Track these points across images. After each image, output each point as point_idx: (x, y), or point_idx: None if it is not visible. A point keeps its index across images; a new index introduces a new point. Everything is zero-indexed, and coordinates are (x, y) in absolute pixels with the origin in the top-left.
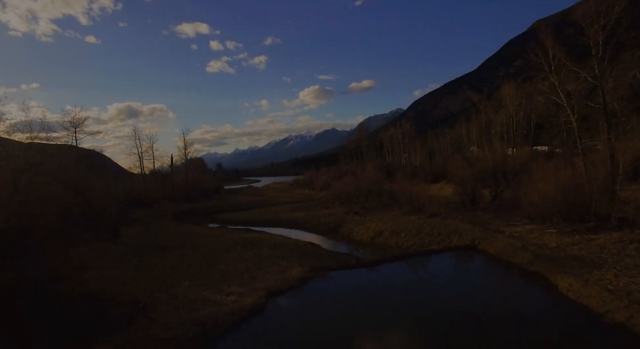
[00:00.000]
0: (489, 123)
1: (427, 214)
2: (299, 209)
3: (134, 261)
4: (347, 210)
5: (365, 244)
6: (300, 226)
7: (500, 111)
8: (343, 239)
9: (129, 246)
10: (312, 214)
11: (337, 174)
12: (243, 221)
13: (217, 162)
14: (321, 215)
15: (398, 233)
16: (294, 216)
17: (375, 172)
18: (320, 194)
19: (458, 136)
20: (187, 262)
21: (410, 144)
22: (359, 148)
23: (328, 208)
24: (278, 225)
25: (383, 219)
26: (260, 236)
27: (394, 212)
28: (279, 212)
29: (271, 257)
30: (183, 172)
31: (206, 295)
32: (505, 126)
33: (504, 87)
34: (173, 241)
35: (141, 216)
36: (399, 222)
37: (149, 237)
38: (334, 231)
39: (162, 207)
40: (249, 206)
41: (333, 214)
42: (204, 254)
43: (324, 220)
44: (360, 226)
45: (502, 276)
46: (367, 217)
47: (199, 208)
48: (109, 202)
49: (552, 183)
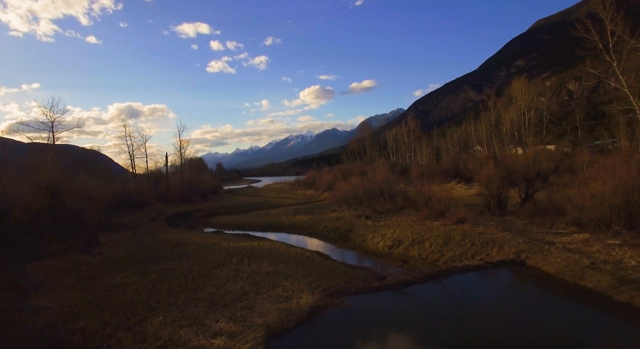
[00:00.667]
0: (498, 121)
1: (452, 219)
2: (302, 212)
3: (105, 278)
4: (356, 213)
5: (382, 255)
6: (305, 231)
7: (510, 107)
8: (355, 248)
9: (106, 258)
10: (318, 218)
11: (341, 173)
12: (241, 225)
13: (218, 163)
14: (328, 219)
15: (421, 242)
16: (297, 219)
17: (387, 171)
18: (324, 195)
19: (466, 133)
20: (170, 281)
21: (416, 142)
22: (363, 147)
23: (335, 211)
24: (280, 230)
25: (400, 224)
26: (260, 244)
27: (411, 217)
28: (280, 216)
29: (272, 275)
30: (178, 172)
31: (185, 336)
32: (516, 123)
33: (514, 83)
34: (158, 250)
35: (130, 219)
36: (419, 229)
37: (132, 245)
38: (344, 238)
39: (155, 209)
40: (249, 207)
41: (341, 218)
42: (192, 269)
43: (331, 225)
44: (375, 232)
45: (580, 309)
46: (382, 222)
47: (194, 210)
48: (89, 205)
49: (609, 183)
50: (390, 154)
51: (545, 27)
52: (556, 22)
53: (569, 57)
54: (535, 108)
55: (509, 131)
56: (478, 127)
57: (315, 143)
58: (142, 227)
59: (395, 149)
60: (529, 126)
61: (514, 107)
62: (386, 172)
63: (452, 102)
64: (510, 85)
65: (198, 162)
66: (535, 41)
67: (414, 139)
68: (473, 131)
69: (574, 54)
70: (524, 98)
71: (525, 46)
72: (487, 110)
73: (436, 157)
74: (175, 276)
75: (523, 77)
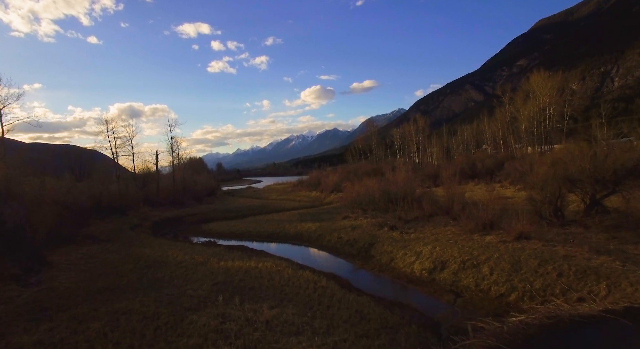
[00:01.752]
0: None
1: (510, 233)
2: (309, 218)
3: (14, 336)
4: (376, 222)
5: (421, 282)
6: (314, 243)
7: (527, 103)
8: (382, 269)
9: (43, 291)
10: (328, 226)
11: (346, 174)
12: (238, 233)
13: (218, 163)
14: (341, 228)
15: (476, 267)
16: (303, 227)
17: (409, 171)
18: (330, 197)
19: (478, 131)
20: (117, 338)
21: (425, 140)
22: (368, 146)
23: (348, 218)
24: (283, 240)
25: (438, 238)
26: (259, 265)
27: (449, 228)
28: (283, 222)
29: (275, 328)
30: (170, 172)
31: None
32: (535, 120)
33: (533, 77)
34: (123, 275)
35: (106, 227)
36: (468, 247)
37: (92, 267)
38: (365, 255)
39: (141, 214)
40: (247, 211)
41: (358, 228)
42: (158, 313)
43: (346, 236)
44: (406, 249)
45: None
46: (411, 235)
47: (186, 215)
48: (39, 214)
49: None
50: (398, 153)
51: (547, 27)
52: (558, 21)
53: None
54: (554, 103)
55: (527, 128)
56: (492, 124)
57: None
58: (118, 237)
59: (402, 148)
60: (549, 122)
61: (532, 103)
62: (408, 172)
63: (454, 102)
64: (528, 79)
65: (198, 162)
66: (537, 41)
67: (423, 137)
68: (487, 128)
69: (576, 53)
70: (545, 93)
71: (527, 46)
72: (502, 106)
73: (446, 156)
74: (129, 329)
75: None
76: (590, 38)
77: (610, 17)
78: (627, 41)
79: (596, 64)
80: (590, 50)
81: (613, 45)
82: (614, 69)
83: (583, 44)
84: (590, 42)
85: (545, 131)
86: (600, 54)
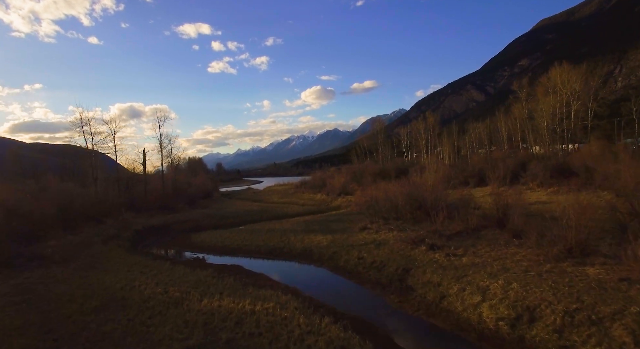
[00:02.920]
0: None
1: (635, 268)
2: (317, 227)
3: None
4: (406, 236)
5: (501, 341)
6: (327, 263)
7: (546, 99)
8: (430, 311)
9: None
10: (343, 241)
11: (352, 174)
12: (233, 248)
13: (218, 163)
14: (361, 244)
15: (599, 324)
16: (312, 241)
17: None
18: (337, 201)
19: (491, 129)
20: None
21: (436, 139)
22: (374, 144)
23: (367, 230)
24: (287, 257)
25: (505, 266)
26: (257, 308)
27: (514, 250)
28: (287, 233)
29: None
30: (159, 174)
31: None
32: (558, 116)
33: (554, 70)
34: (52, 330)
35: (70, 241)
36: (562, 283)
37: (11, 313)
38: (400, 285)
39: (121, 221)
40: (246, 217)
41: (383, 244)
42: None
43: (369, 256)
44: (461, 281)
45: None
46: (462, 258)
47: (175, 222)
48: None
49: None
50: (405, 152)
51: (549, 27)
52: (560, 21)
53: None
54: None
55: (549, 126)
56: (506, 121)
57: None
58: (81, 255)
59: (410, 147)
60: (574, 118)
61: (553, 98)
62: (442, 173)
63: (455, 103)
64: (548, 72)
65: (197, 162)
66: (539, 41)
67: (433, 136)
68: (503, 126)
69: (578, 53)
70: (569, 87)
71: (529, 46)
72: (518, 102)
73: (457, 156)
74: None
75: (564, 62)
76: (592, 38)
77: (612, 17)
78: (630, 41)
79: (599, 64)
80: (592, 51)
81: (615, 45)
82: (616, 69)
83: (585, 44)
84: (592, 42)
85: (569, 128)
86: (603, 54)
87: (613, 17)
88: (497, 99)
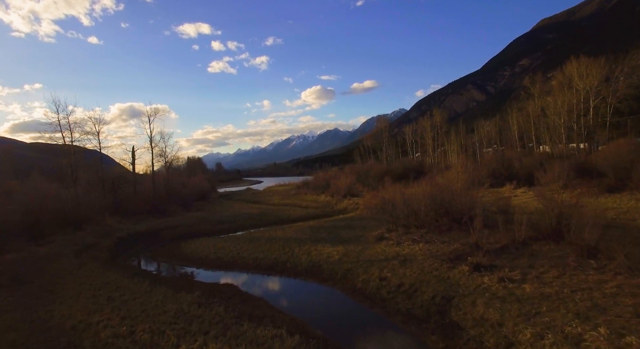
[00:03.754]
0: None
1: None
2: (325, 235)
3: None
4: (437, 250)
5: None
6: (340, 283)
7: (561, 94)
8: None
9: None
10: (358, 253)
11: (356, 175)
12: (227, 261)
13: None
14: (381, 259)
15: None
16: (321, 253)
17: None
18: (343, 203)
19: (501, 127)
20: None
21: (444, 137)
22: (378, 143)
23: (386, 240)
24: (292, 274)
25: (593, 299)
26: None
27: (594, 276)
28: (291, 243)
29: None
30: (150, 175)
31: None
32: (575, 113)
33: (570, 64)
34: None
35: (36, 253)
36: None
37: None
38: (441, 322)
39: (104, 228)
40: (244, 222)
41: (410, 260)
42: None
43: (394, 277)
44: (533, 321)
45: None
46: (525, 287)
47: (166, 227)
48: None
49: None
50: (410, 151)
51: (549, 27)
52: (560, 21)
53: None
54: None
55: (566, 123)
56: (518, 119)
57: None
58: (42, 273)
59: (415, 146)
60: (593, 115)
61: (569, 93)
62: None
63: (456, 102)
64: (564, 66)
65: (196, 162)
66: (539, 40)
67: (441, 134)
68: (515, 124)
69: (579, 52)
70: (589, 81)
71: (530, 45)
72: (531, 98)
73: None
74: None
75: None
76: (593, 38)
77: (612, 17)
78: (631, 40)
79: (619, 56)
80: (593, 50)
81: (616, 44)
82: (618, 68)
83: (585, 44)
84: (593, 42)
85: (587, 125)
86: (604, 53)
87: (614, 17)
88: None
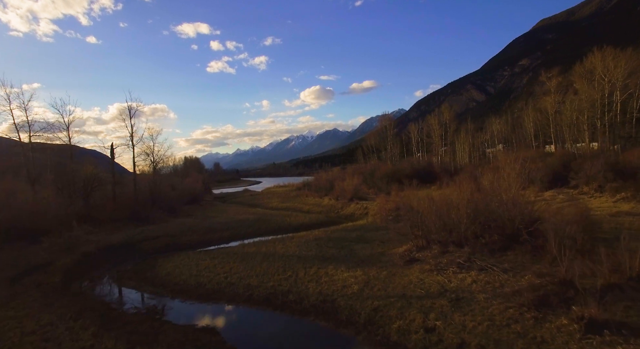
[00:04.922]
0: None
1: None
2: (337, 254)
3: None
4: (510, 287)
5: None
6: (365, 332)
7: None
8: None
9: None
10: (385, 283)
11: (361, 176)
12: (211, 289)
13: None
14: (421, 295)
15: None
16: (333, 281)
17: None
18: (350, 208)
19: (514, 123)
20: None
21: (453, 135)
22: (382, 142)
23: (418, 264)
24: (296, 311)
25: None
26: None
27: None
28: (293, 263)
29: None
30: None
31: None
32: (599, 109)
33: (592, 56)
34: None
35: None
36: None
37: None
38: None
39: (67, 240)
40: (238, 230)
41: (466, 301)
42: None
43: (450, 332)
44: None
45: None
46: None
47: (145, 238)
48: None
49: None
50: (415, 150)
51: (549, 27)
52: (560, 21)
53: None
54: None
55: (590, 120)
56: (534, 116)
57: (317, 143)
58: None
59: (422, 145)
60: (620, 111)
61: (590, 88)
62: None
63: (455, 102)
64: (586, 58)
65: (194, 162)
66: (539, 41)
67: (450, 132)
68: (531, 122)
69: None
70: (614, 74)
71: (529, 46)
72: (547, 94)
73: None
74: None
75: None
76: (592, 38)
77: (612, 17)
78: (631, 40)
79: None
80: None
81: (616, 44)
82: None
83: (585, 44)
84: (593, 42)
85: (611, 122)
86: None
87: (613, 17)
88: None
